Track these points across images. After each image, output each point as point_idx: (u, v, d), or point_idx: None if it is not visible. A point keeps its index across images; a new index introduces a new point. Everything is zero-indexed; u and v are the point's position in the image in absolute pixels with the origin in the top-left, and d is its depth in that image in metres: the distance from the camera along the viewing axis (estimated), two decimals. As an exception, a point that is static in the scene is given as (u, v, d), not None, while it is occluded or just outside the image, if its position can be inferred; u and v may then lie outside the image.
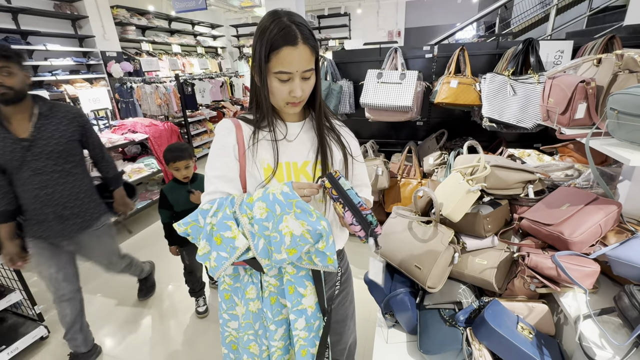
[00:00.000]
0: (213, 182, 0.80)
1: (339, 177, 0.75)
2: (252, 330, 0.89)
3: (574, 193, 1.07)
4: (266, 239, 0.71)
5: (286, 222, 0.69)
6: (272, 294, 0.86)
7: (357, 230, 0.73)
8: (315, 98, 0.86)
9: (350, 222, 0.73)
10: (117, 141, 3.13)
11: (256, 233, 0.71)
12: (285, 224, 0.68)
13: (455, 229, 1.13)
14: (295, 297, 0.83)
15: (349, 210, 0.73)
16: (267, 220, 0.70)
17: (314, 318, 0.85)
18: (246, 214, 0.72)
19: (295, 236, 0.69)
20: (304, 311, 0.84)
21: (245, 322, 0.89)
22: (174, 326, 2.06)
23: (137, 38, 6.10)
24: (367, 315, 1.99)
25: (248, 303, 0.87)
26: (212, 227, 0.72)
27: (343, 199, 0.73)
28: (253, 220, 0.71)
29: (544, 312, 0.98)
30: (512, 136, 2.52)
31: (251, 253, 0.72)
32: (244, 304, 0.87)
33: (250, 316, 0.88)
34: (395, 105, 2.24)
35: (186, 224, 0.75)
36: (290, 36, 0.71)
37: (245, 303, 0.87)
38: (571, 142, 1.40)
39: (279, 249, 0.70)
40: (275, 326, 0.86)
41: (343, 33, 8.47)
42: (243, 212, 0.72)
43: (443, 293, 1.10)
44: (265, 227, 0.70)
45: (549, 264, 0.92)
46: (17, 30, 4.20)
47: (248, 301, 0.87)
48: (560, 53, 2.05)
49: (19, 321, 1.97)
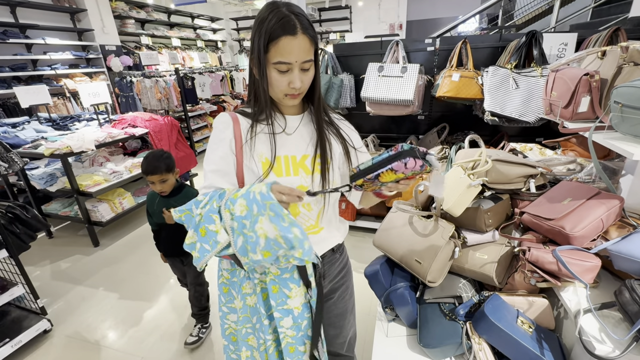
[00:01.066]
0: (209, 177, 0.81)
1: (358, 168, 0.73)
2: (249, 324, 0.90)
3: (575, 187, 1.06)
4: (245, 237, 0.70)
5: (261, 223, 0.67)
6: (263, 290, 0.85)
7: (419, 165, 0.68)
8: (314, 91, 0.85)
9: (411, 168, 0.68)
10: (117, 136, 3.12)
11: (236, 230, 0.70)
12: (260, 225, 0.67)
13: (456, 223, 1.13)
14: (280, 297, 0.83)
15: (394, 164, 0.68)
16: (245, 218, 0.69)
17: (301, 318, 0.85)
18: (229, 209, 0.71)
19: (269, 239, 0.67)
20: (290, 311, 0.83)
21: (242, 315, 0.89)
22: (176, 319, 2.08)
23: (136, 31, 6.05)
24: (367, 309, 2.00)
25: (245, 297, 0.87)
26: (201, 218, 0.72)
27: (381, 167, 0.70)
28: (234, 217, 0.70)
29: (544, 306, 0.98)
30: (514, 130, 2.51)
31: (231, 249, 0.72)
32: (241, 298, 0.88)
33: (247, 310, 0.88)
34: (396, 99, 2.22)
35: (181, 212, 0.76)
36: (290, 26, 0.70)
37: (242, 297, 0.88)
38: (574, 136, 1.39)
39: (255, 249, 0.69)
40: (269, 320, 0.86)
41: (344, 26, 8.38)
42: (227, 207, 0.71)
43: (443, 287, 1.10)
44: (244, 224, 0.69)
45: (550, 258, 0.91)
46: (15, 24, 4.17)
47: (245, 296, 0.87)
48: (564, 46, 2.03)
49: (22, 314, 1.98)
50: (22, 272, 1.87)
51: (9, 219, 1.90)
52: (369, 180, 0.72)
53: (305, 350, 0.86)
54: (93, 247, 2.95)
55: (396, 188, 0.75)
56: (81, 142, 2.75)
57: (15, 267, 1.86)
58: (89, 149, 2.77)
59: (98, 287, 2.41)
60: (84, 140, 2.77)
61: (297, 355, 0.85)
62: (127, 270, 2.61)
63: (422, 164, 0.68)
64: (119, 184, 3.08)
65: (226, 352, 1.01)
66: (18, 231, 1.91)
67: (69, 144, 2.70)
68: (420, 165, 0.68)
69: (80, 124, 3.54)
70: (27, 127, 3.21)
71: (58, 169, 3.04)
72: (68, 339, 1.96)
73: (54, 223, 3.36)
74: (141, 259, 2.76)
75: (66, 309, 2.19)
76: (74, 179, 2.77)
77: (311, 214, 0.87)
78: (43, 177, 2.93)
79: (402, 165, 0.68)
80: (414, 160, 0.68)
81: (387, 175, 0.70)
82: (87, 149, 2.76)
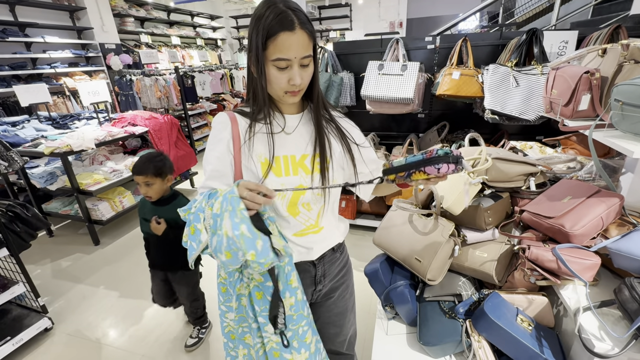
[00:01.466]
0: (206, 177, 0.82)
1: (391, 164, 0.75)
2: (246, 323, 0.90)
3: (575, 185, 1.06)
4: (217, 236, 0.68)
5: (224, 220, 0.65)
6: (256, 289, 0.85)
7: (451, 169, 0.70)
8: (314, 88, 0.84)
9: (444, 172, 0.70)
10: (117, 134, 3.12)
11: (210, 228, 0.70)
12: (224, 222, 0.65)
13: (456, 221, 1.13)
14: (263, 304, 0.82)
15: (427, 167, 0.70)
16: (218, 215, 0.68)
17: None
18: (211, 207, 0.71)
19: (229, 237, 0.64)
20: None
21: (238, 315, 0.89)
22: (175, 317, 2.08)
23: (135, 30, 6.03)
24: (367, 307, 2.01)
25: (240, 298, 0.87)
26: (192, 217, 0.73)
27: (413, 168, 0.72)
28: (212, 214, 0.70)
29: (544, 304, 0.98)
30: (515, 128, 2.50)
31: (210, 249, 0.71)
32: (236, 298, 0.87)
33: (243, 310, 0.88)
34: (396, 97, 2.22)
35: (184, 211, 0.76)
36: (287, 21, 0.70)
37: (237, 298, 0.87)
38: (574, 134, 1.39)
39: (220, 248, 0.67)
40: (257, 324, 0.86)
41: (344, 24, 8.35)
42: (210, 205, 0.71)
43: (443, 285, 1.10)
44: (217, 222, 0.68)
45: (550, 256, 0.91)
46: (14, 22, 4.15)
47: (240, 296, 0.87)
48: (564, 43, 2.02)
49: (24, 313, 1.99)
50: (22, 271, 1.88)
51: (10, 217, 1.91)
52: (400, 178, 0.75)
53: (291, 358, 0.85)
54: (93, 246, 2.95)
55: (426, 184, 0.77)
56: (81, 140, 2.75)
57: (16, 266, 1.86)
58: (89, 147, 2.77)
59: (99, 285, 2.42)
60: (84, 139, 2.77)
61: None
62: (128, 268, 2.61)
63: (455, 168, 0.70)
64: (119, 183, 3.08)
65: (226, 349, 1.01)
66: (18, 230, 1.91)
67: (69, 142, 2.69)
68: (453, 170, 0.70)
69: (80, 123, 3.53)
70: (27, 125, 3.21)
71: (58, 167, 3.04)
72: (69, 337, 1.97)
73: (55, 222, 3.36)
74: (141, 258, 2.74)
75: (67, 308, 2.20)
76: (74, 178, 2.77)
77: (311, 213, 0.87)
78: (43, 176, 2.93)
79: (434, 170, 0.70)
80: (447, 166, 0.70)
81: (418, 174, 0.73)
82: (87, 147, 2.76)
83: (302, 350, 0.86)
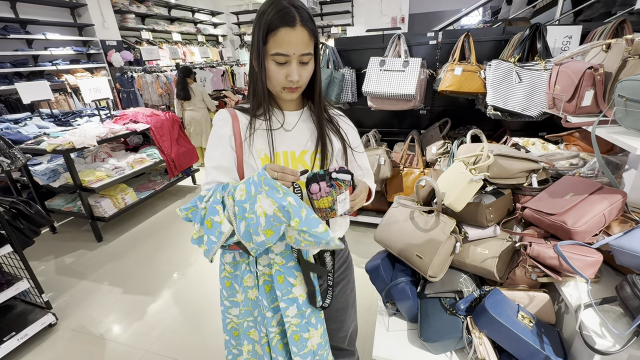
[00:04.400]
0: (210, 173, 0.82)
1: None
2: (251, 317, 0.91)
3: (578, 182, 1.06)
4: (246, 220, 0.70)
5: (260, 202, 0.68)
6: (266, 282, 0.86)
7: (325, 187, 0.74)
8: (315, 87, 0.84)
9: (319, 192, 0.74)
10: (119, 131, 3.13)
11: (237, 215, 0.71)
12: (259, 204, 0.68)
13: (457, 218, 1.12)
14: (285, 287, 0.84)
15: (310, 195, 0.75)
16: (245, 201, 0.70)
17: (305, 306, 0.86)
18: (232, 196, 0.72)
19: (269, 216, 0.68)
20: (295, 300, 0.84)
21: (244, 309, 0.90)
22: (178, 313, 2.10)
23: (136, 26, 6.01)
24: (369, 304, 2.01)
25: (247, 291, 0.88)
26: (206, 211, 0.73)
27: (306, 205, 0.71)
28: (235, 202, 0.71)
29: (545, 301, 0.98)
30: (517, 125, 2.49)
31: (236, 236, 0.72)
32: (243, 291, 0.89)
33: (249, 303, 0.89)
34: (398, 93, 2.21)
35: (187, 210, 0.77)
36: (289, 17, 0.71)
37: (244, 290, 0.88)
38: (577, 131, 1.38)
39: (257, 230, 0.69)
40: (272, 313, 0.87)
41: (346, 20, 8.29)
42: (230, 194, 0.72)
43: (444, 282, 1.10)
44: (244, 208, 0.70)
45: (551, 253, 0.91)
46: (15, 19, 4.15)
47: (247, 289, 0.88)
48: (568, 39, 2.00)
49: (28, 309, 2.01)
50: (26, 267, 1.89)
51: (13, 214, 1.92)
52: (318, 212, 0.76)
53: (309, 336, 0.87)
54: (96, 242, 2.97)
55: (351, 207, 0.78)
56: (83, 137, 2.76)
57: (19, 262, 1.88)
58: (90, 144, 2.78)
59: (102, 281, 2.44)
60: (86, 136, 2.78)
61: (302, 342, 0.87)
62: (131, 265, 2.63)
63: (330, 184, 0.73)
64: (121, 180, 3.09)
65: (227, 347, 1.02)
66: (22, 227, 1.93)
67: (71, 139, 2.70)
68: (329, 186, 0.73)
69: (82, 120, 3.54)
70: (29, 123, 3.22)
71: (60, 164, 3.05)
72: (73, 332, 1.99)
73: (58, 218, 3.38)
74: (144, 254, 2.78)
75: (71, 303, 2.22)
76: (77, 175, 2.78)
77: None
78: (46, 173, 2.94)
79: (315, 194, 0.73)
80: (317, 185, 0.73)
81: (320, 202, 0.75)
82: (89, 144, 2.77)
83: (318, 326, 0.90)
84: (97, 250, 2.85)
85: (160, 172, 3.93)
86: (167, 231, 3.14)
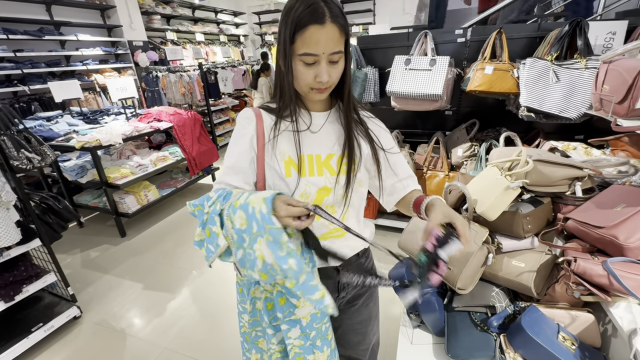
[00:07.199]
0: (224, 172, 0.80)
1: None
2: (259, 327, 0.88)
3: (629, 192, 0.96)
4: (244, 251, 0.66)
5: (259, 244, 0.63)
6: (268, 300, 0.82)
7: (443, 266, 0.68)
8: (344, 86, 0.79)
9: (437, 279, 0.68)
10: (143, 129, 3.20)
11: (235, 242, 0.67)
12: (259, 246, 0.63)
13: (490, 227, 1.05)
14: (287, 308, 0.79)
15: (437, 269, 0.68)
16: (245, 232, 0.65)
17: (309, 328, 0.81)
18: (230, 218, 0.67)
19: (267, 263, 0.62)
20: (298, 321, 0.80)
21: (252, 319, 0.87)
22: (197, 311, 2.11)
23: (162, 27, 6.17)
24: (391, 314, 1.95)
25: (255, 301, 0.85)
26: (207, 216, 0.70)
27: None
28: (234, 228, 0.66)
29: (590, 321, 0.89)
30: (550, 127, 2.34)
31: (232, 257, 0.69)
32: (251, 302, 0.85)
33: (257, 314, 0.86)
34: (424, 93, 2.12)
35: (194, 206, 0.74)
36: (318, 13, 0.65)
37: (252, 301, 0.85)
38: (625, 135, 1.26)
39: (253, 268, 0.65)
40: (273, 331, 0.83)
41: (367, 18, 8.17)
42: (228, 215, 0.67)
43: (474, 295, 1.03)
44: (243, 239, 0.65)
45: (600, 271, 0.83)
46: (51, 22, 4.34)
47: (255, 300, 0.85)
48: (612, 35, 1.85)
49: (55, 301, 2.08)
50: (54, 261, 1.95)
51: (43, 209, 1.99)
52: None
53: (314, 358, 0.83)
54: (120, 238, 3.05)
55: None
56: (109, 135, 2.84)
57: (47, 256, 1.94)
58: (116, 142, 2.85)
59: (124, 276, 2.49)
60: (112, 134, 2.85)
61: None
62: (152, 261, 2.68)
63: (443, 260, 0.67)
64: (144, 177, 3.16)
65: (242, 348, 0.99)
66: (50, 221, 1.99)
67: (98, 137, 2.78)
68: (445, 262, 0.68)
69: (109, 118, 3.65)
70: (61, 120, 3.35)
71: (88, 161, 3.16)
72: (96, 326, 2.04)
73: (85, 213, 3.51)
74: (165, 251, 2.82)
75: (94, 297, 2.28)
76: (103, 172, 2.87)
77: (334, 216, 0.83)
78: (74, 169, 3.05)
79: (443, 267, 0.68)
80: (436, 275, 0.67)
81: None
82: (115, 142, 2.84)
83: (324, 348, 0.85)
84: (121, 246, 2.93)
85: (182, 170, 4.00)
86: (186, 229, 3.19)
